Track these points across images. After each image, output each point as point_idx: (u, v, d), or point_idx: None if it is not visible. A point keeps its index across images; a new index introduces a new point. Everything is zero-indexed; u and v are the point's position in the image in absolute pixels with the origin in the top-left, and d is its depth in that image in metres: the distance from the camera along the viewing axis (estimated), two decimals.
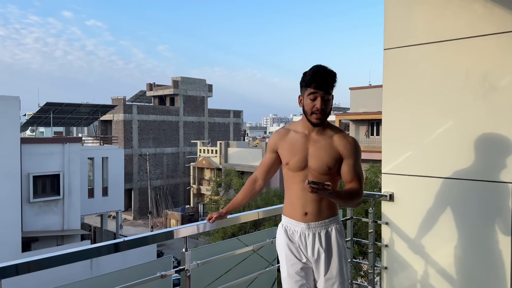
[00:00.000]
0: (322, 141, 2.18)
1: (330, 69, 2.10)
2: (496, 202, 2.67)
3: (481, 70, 2.72)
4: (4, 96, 16.71)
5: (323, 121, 2.14)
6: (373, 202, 3.33)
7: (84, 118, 27.09)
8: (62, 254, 1.85)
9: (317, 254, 2.17)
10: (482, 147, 2.72)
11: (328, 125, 2.22)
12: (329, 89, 2.09)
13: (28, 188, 17.87)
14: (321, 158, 2.15)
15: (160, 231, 2.33)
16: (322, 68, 2.09)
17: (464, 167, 2.79)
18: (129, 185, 35.66)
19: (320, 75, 2.07)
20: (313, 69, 2.10)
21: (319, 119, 2.12)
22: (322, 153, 2.15)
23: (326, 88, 2.08)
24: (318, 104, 2.08)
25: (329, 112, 2.14)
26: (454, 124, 2.84)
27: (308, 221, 2.18)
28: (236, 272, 2.67)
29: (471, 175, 2.76)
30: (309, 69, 2.13)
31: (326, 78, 2.08)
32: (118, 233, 24.41)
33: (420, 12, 2.99)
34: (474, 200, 2.76)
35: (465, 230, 2.79)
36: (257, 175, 2.41)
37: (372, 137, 27.20)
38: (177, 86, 40.68)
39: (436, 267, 2.93)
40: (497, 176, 2.65)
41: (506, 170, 2.62)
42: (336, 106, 61.59)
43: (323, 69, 2.09)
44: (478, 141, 2.74)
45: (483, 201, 2.72)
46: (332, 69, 2.11)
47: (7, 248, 15.35)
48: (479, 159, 2.73)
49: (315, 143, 2.18)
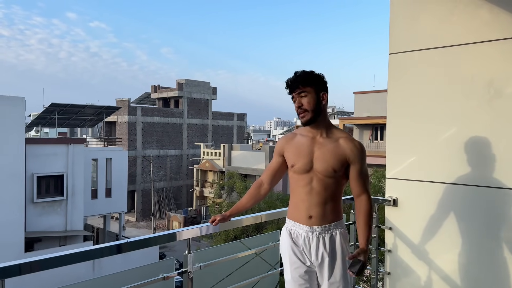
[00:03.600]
0: (328, 144, 2.19)
1: (298, 72, 2.18)
2: (501, 209, 2.65)
3: (487, 76, 2.71)
4: (10, 97, 16.81)
5: (310, 118, 2.18)
6: (376, 207, 3.32)
7: (88, 119, 27.18)
8: (65, 254, 1.85)
9: (321, 258, 2.17)
10: (487, 153, 2.71)
11: (334, 128, 2.25)
12: (298, 88, 2.16)
13: (32, 188, 17.93)
14: (326, 161, 2.16)
15: (163, 233, 2.33)
16: (290, 78, 2.20)
17: (469, 173, 2.77)
18: (132, 187, 35.71)
19: (287, 81, 2.19)
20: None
21: (303, 117, 2.18)
22: (327, 156, 2.16)
23: (294, 89, 2.17)
24: (296, 105, 2.18)
25: (313, 108, 2.17)
26: (459, 130, 2.83)
27: (313, 224, 2.18)
28: (238, 275, 2.66)
29: (476, 181, 2.74)
30: None
31: (292, 81, 2.17)
32: (120, 235, 24.42)
33: (426, 17, 2.99)
34: (478, 206, 2.74)
35: (469, 236, 2.77)
36: (263, 179, 2.41)
37: (376, 142, 27.13)
38: (181, 89, 40.78)
39: (440, 273, 2.91)
40: (502, 182, 2.63)
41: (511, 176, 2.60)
42: (340, 110, 61.53)
43: (290, 78, 2.19)
44: (483, 147, 2.72)
45: (488, 207, 2.70)
46: (302, 70, 2.18)
47: (10, 248, 15.39)
48: (484, 165, 2.72)
49: (321, 146, 2.19)
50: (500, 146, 2.66)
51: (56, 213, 18.91)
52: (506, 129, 2.64)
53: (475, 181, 2.75)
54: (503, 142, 2.65)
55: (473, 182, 2.75)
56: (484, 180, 2.71)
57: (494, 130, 2.68)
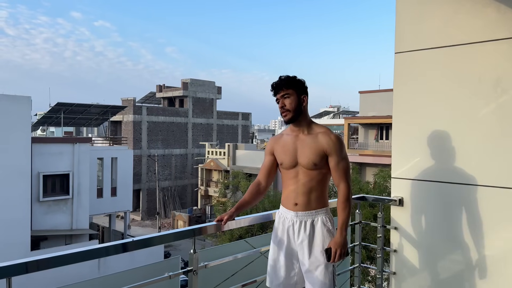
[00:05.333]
0: (308, 140, 2.43)
1: (282, 76, 2.43)
2: (509, 209, 2.63)
3: (494, 74, 2.69)
4: (16, 96, 16.92)
5: (291, 117, 2.41)
6: (382, 207, 3.31)
7: (94, 118, 27.31)
8: (70, 253, 1.87)
9: (301, 239, 2.41)
10: (494, 153, 2.69)
11: (315, 124, 2.49)
12: (281, 90, 2.40)
13: (38, 187, 18.05)
14: (307, 156, 2.40)
15: (168, 232, 2.34)
16: (277, 79, 2.44)
17: (475, 173, 2.75)
18: (137, 186, 35.83)
19: (273, 84, 2.44)
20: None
21: (285, 116, 2.42)
22: (307, 151, 2.40)
23: (278, 91, 2.41)
24: (279, 105, 2.43)
25: (295, 108, 2.40)
26: (465, 129, 2.81)
27: (297, 210, 2.43)
28: (243, 274, 2.67)
29: (483, 181, 2.72)
30: None
31: (277, 84, 2.42)
32: (126, 233, 24.50)
33: (432, 16, 2.97)
34: (485, 206, 2.72)
35: (476, 236, 2.75)
36: (260, 178, 2.61)
37: (381, 141, 27.04)
38: (186, 88, 40.86)
39: (446, 273, 2.89)
40: (509, 182, 2.62)
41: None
42: (346, 109, 61.35)
43: (277, 79, 2.43)
44: (490, 146, 2.70)
45: (495, 207, 2.69)
46: (286, 75, 2.43)
47: (16, 247, 15.50)
48: (490, 164, 2.70)
49: (302, 142, 2.44)
50: (507, 146, 2.64)
51: (62, 211, 19.02)
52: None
53: (482, 180, 2.73)
54: (510, 141, 2.63)
55: (480, 182, 2.73)
56: (491, 180, 2.69)
57: (501, 130, 2.66)
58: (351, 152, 26.32)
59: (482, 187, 2.72)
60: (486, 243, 2.72)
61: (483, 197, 2.72)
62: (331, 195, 14.41)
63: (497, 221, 2.68)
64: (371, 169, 23.56)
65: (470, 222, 2.78)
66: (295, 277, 2.45)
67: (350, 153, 25.65)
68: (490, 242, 2.70)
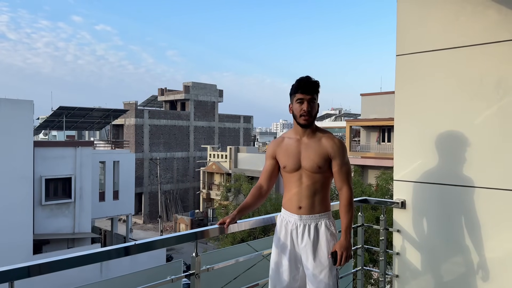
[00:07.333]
0: (312, 144, 2.43)
1: (313, 79, 2.41)
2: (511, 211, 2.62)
3: (496, 76, 2.68)
4: (18, 100, 16.97)
5: (310, 123, 2.41)
6: (384, 209, 3.30)
7: (96, 122, 27.34)
8: (73, 257, 1.86)
9: (305, 243, 2.40)
10: (496, 155, 2.68)
11: (317, 128, 2.49)
12: (313, 93, 2.38)
13: (40, 191, 18.06)
14: (311, 159, 2.40)
15: (170, 235, 2.33)
16: (306, 77, 2.40)
17: (478, 175, 2.75)
18: (139, 189, 35.85)
19: (304, 83, 2.38)
20: (299, 79, 2.41)
21: (306, 120, 2.39)
22: (312, 155, 2.41)
23: (310, 93, 2.37)
24: (305, 107, 2.37)
25: (315, 115, 2.41)
26: (467, 131, 2.80)
27: (301, 213, 2.42)
28: (245, 277, 2.66)
29: (485, 183, 2.71)
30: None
31: (309, 84, 2.38)
32: (128, 237, 24.51)
33: (434, 18, 2.97)
34: (488, 208, 2.71)
35: (479, 239, 2.74)
36: (261, 182, 2.60)
37: (383, 144, 27.00)
38: (188, 91, 40.92)
39: (449, 276, 2.88)
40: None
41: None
42: (347, 112, 61.31)
43: (307, 78, 2.40)
44: (492, 148, 2.70)
45: (497, 209, 2.68)
46: (312, 78, 2.40)
47: (18, 250, 15.51)
48: (493, 166, 2.69)
49: (306, 146, 2.44)
50: (509, 148, 2.63)
51: (64, 215, 19.03)
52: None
53: (484, 183, 2.72)
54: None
55: (483, 184, 2.72)
56: (494, 182, 2.68)
57: (503, 132, 2.66)
58: (353, 155, 26.29)
59: (485, 189, 2.71)
60: (489, 245, 2.70)
61: (486, 199, 2.71)
62: (333, 198, 14.38)
63: (500, 223, 2.67)
64: (373, 171, 23.50)
65: (472, 224, 2.77)
66: (299, 281, 2.45)
67: (352, 155, 25.62)
68: (492, 244, 2.69)
